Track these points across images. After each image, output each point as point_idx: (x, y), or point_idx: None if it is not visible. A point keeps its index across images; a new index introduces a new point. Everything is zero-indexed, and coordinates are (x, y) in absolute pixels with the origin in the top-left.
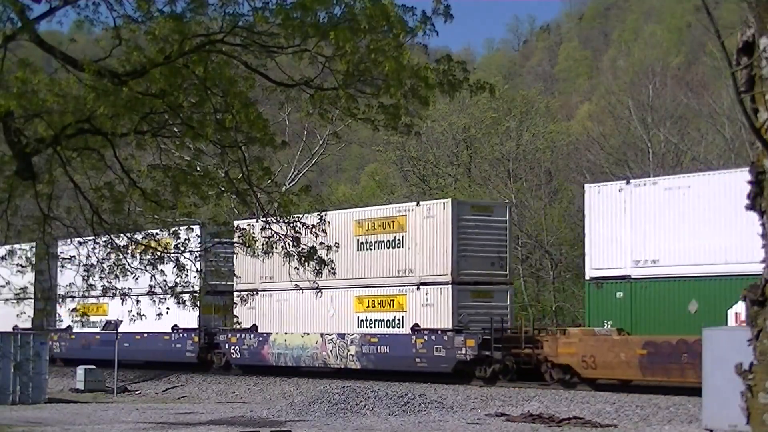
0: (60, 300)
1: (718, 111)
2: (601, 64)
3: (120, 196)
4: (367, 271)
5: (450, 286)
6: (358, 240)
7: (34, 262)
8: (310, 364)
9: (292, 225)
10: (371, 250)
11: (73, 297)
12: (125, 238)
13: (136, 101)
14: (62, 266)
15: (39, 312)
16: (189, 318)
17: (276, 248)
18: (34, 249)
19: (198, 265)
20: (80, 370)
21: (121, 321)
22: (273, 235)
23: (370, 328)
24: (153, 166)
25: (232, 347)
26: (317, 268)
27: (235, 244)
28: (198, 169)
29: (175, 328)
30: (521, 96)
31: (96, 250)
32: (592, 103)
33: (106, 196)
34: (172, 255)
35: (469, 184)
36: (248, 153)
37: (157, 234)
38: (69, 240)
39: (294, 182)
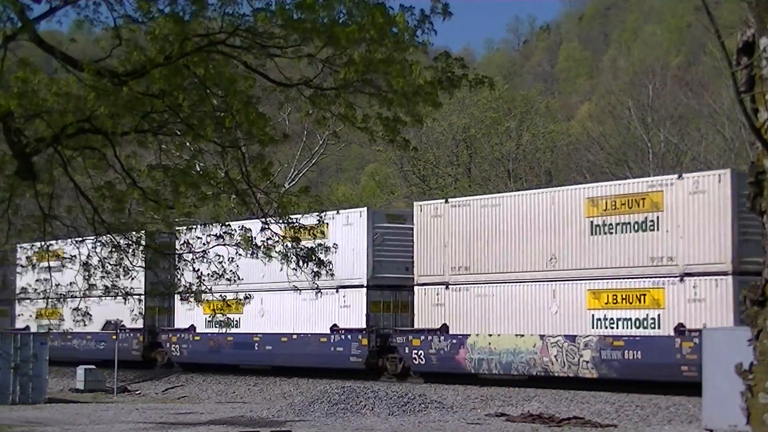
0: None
1: (718, 111)
2: (601, 64)
3: (120, 195)
4: (606, 260)
5: (729, 277)
6: (591, 222)
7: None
8: (525, 371)
9: (290, 225)
10: (611, 233)
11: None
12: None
13: (136, 101)
14: (63, 266)
15: (150, 310)
16: (353, 317)
17: (275, 249)
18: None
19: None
20: (80, 370)
21: (122, 321)
22: (272, 236)
23: (612, 328)
24: (153, 166)
25: (414, 351)
26: (315, 270)
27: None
28: (198, 169)
29: (334, 328)
30: (521, 96)
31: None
32: (592, 103)
33: (106, 196)
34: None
35: (469, 184)
36: (248, 153)
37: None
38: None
39: (294, 182)
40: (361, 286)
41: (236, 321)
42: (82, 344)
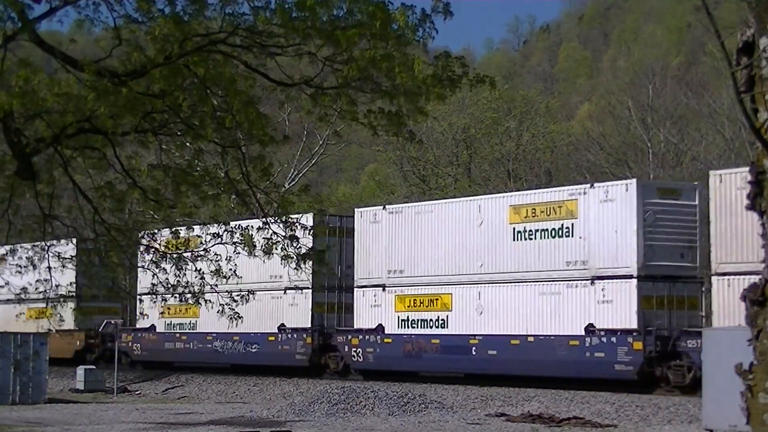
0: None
1: (718, 111)
2: (601, 64)
3: (121, 195)
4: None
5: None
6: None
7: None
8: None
9: (289, 225)
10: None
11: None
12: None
13: (136, 101)
14: (63, 266)
15: (317, 306)
16: (617, 316)
17: (276, 249)
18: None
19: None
20: (80, 370)
21: (122, 321)
22: (272, 236)
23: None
24: (153, 166)
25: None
26: (314, 269)
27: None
28: (198, 168)
29: (590, 328)
30: (521, 96)
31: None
32: (592, 103)
33: (106, 196)
34: None
35: (469, 184)
36: (248, 153)
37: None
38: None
39: (294, 182)
40: (629, 277)
41: (438, 319)
42: (227, 347)
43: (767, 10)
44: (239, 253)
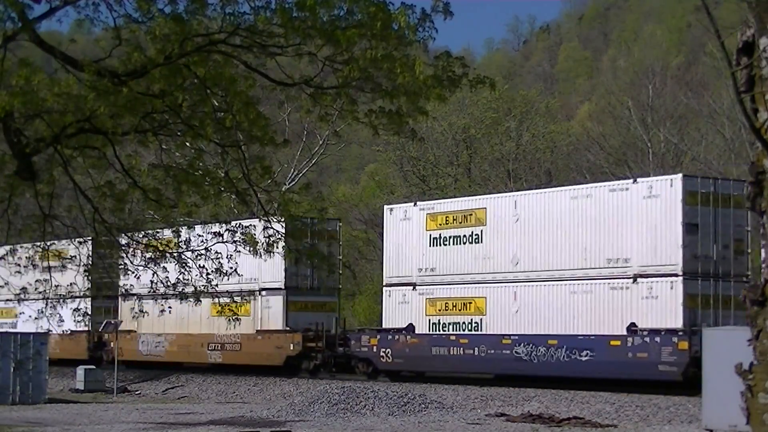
0: None
1: (718, 111)
2: (601, 64)
3: (121, 195)
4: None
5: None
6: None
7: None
8: None
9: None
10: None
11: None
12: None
13: (136, 101)
14: (63, 266)
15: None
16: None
17: (277, 247)
18: None
19: None
20: (80, 370)
21: (122, 321)
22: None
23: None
24: (154, 165)
25: None
26: (322, 266)
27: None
28: (199, 168)
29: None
30: (521, 96)
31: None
32: (592, 103)
33: (107, 195)
34: None
35: (469, 184)
36: (248, 152)
37: None
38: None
39: (294, 182)
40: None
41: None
42: (537, 353)
43: (767, 10)
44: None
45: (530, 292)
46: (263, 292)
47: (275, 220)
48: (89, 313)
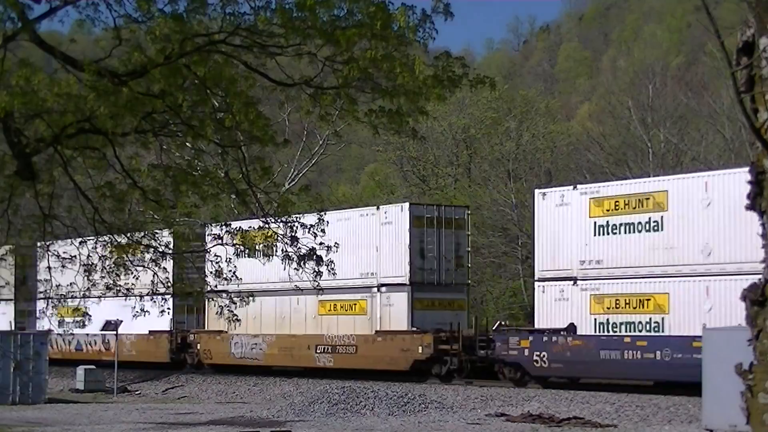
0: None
1: (718, 111)
2: (601, 64)
3: (121, 195)
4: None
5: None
6: None
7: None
8: None
9: (289, 225)
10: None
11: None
12: None
13: (136, 101)
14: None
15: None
16: None
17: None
18: None
19: None
20: (80, 370)
21: (122, 321)
22: (272, 235)
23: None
24: (153, 166)
25: None
26: (315, 269)
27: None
28: (198, 168)
29: None
30: (521, 96)
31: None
32: (592, 103)
33: (106, 195)
34: None
35: (469, 185)
36: (248, 153)
37: None
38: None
39: (294, 182)
40: None
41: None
42: None
43: (767, 10)
44: None
45: (726, 287)
46: (383, 288)
47: (273, 221)
48: (170, 310)
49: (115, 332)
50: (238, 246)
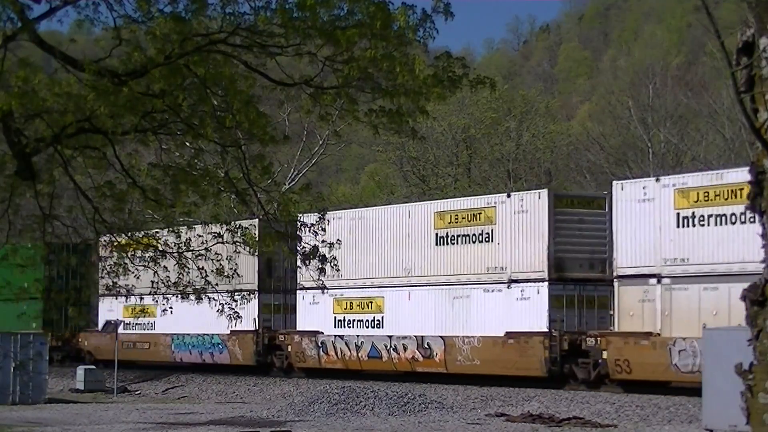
0: None
1: (718, 111)
2: (601, 64)
3: (121, 195)
4: None
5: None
6: None
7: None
8: None
9: (290, 224)
10: None
11: None
12: None
13: (136, 101)
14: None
15: None
16: None
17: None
18: None
19: None
20: (80, 370)
21: (122, 321)
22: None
23: None
24: (153, 165)
25: None
26: (320, 266)
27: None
28: (198, 167)
29: None
30: (521, 96)
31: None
32: (592, 103)
33: (106, 195)
34: None
35: (469, 185)
36: (248, 152)
37: None
38: None
39: (294, 182)
40: None
41: None
42: None
43: (767, 10)
44: None
45: None
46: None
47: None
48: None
49: (115, 332)
50: None
